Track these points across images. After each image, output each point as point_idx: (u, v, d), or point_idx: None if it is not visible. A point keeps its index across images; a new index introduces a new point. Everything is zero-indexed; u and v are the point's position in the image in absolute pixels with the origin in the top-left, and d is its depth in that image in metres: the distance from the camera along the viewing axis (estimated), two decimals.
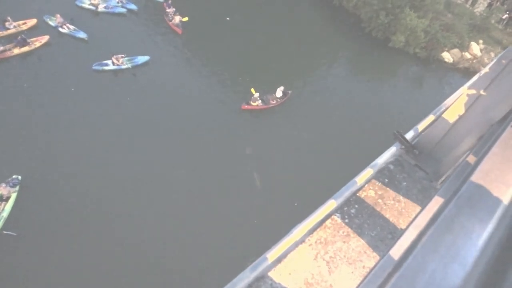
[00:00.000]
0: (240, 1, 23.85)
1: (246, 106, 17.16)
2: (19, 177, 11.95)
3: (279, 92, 17.70)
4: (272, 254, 2.47)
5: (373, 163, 3.38)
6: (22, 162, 12.61)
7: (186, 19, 20.25)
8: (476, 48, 24.62)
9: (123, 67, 17.19)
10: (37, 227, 11.30)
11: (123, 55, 17.22)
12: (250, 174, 14.42)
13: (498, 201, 1.11)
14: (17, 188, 11.71)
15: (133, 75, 17.16)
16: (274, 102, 17.66)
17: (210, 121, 16.18)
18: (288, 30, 22.72)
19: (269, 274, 2.45)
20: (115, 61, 17.02)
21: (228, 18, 22.02)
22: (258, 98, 17.22)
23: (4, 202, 11.31)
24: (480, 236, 0.98)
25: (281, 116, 17.60)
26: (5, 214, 11.18)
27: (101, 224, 11.77)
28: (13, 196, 11.55)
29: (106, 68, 16.98)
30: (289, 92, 18.05)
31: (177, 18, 20.16)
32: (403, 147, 3.57)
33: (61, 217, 11.74)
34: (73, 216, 11.80)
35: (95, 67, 16.84)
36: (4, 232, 10.84)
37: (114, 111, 15.52)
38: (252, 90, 17.19)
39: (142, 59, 17.74)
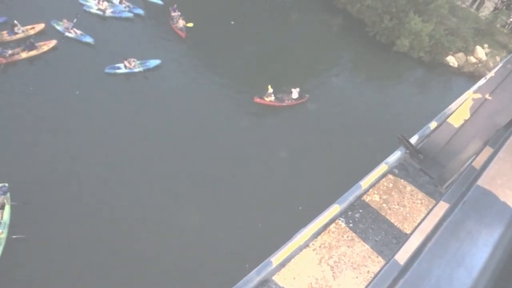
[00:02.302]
0: (244, 6, 23.99)
1: (258, 100, 17.50)
2: (6, 184, 11.89)
3: (295, 93, 17.97)
4: (276, 258, 2.47)
5: (378, 167, 3.37)
6: (10, 168, 12.42)
7: (191, 24, 20.44)
8: (481, 52, 24.50)
9: (135, 70, 17.45)
10: (35, 228, 11.38)
11: (135, 59, 17.48)
12: (253, 176, 14.40)
13: (504, 207, 1.11)
14: (8, 195, 11.75)
15: (144, 78, 17.41)
16: (289, 102, 17.88)
17: (215, 121, 16.32)
18: (292, 34, 22.77)
19: (274, 278, 2.44)
20: (127, 64, 17.30)
21: (232, 22, 22.15)
22: (272, 94, 17.52)
23: (1, 210, 11.40)
24: (486, 242, 0.97)
25: (285, 118, 17.64)
26: (6, 220, 11.29)
27: (101, 227, 11.80)
28: (8, 202, 11.62)
29: (118, 71, 17.24)
30: (307, 96, 18.26)
31: (181, 22, 20.36)
32: (407, 151, 3.56)
33: (58, 218, 11.78)
34: (72, 219, 11.84)
35: (107, 71, 17.11)
36: (13, 236, 11.01)
37: (121, 112, 15.62)
38: (269, 86, 17.51)
39: (153, 62, 18.01)
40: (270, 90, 17.45)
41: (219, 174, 14.20)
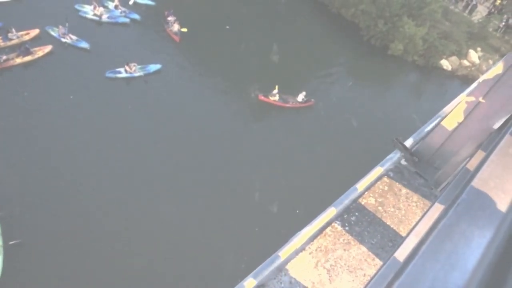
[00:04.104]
0: (238, 12, 24.11)
1: (262, 97, 17.82)
2: None
3: (300, 97, 18.22)
4: (272, 262, 2.46)
5: (373, 170, 3.39)
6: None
7: (185, 29, 20.55)
8: (474, 55, 24.79)
9: (136, 75, 17.44)
10: (30, 232, 11.33)
11: (136, 64, 17.48)
12: (251, 178, 14.39)
13: (497, 209, 1.12)
14: None
15: (144, 82, 17.46)
16: (293, 104, 18.07)
17: (214, 124, 16.38)
18: (286, 39, 22.89)
19: (270, 282, 2.44)
20: (128, 69, 17.29)
21: (227, 27, 22.25)
22: (277, 94, 17.79)
23: None
24: (479, 244, 0.98)
25: (282, 120, 17.72)
26: None
27: (102, 232, 11.72)
28: None
29: (119, 75, 17.23)
30: (312, 100, 18.39)
31: (176, 27, 20.45)
32: (402, 154, 3.58)
33: (54, 224, 11.71)
34: (69, 225, 11.76)
35: (108, 75, 17.08)
36: (10, 243, 10.93)
37: (120, 116, 15.58)
38: (276, 86, 17.84)
39: (153, 67, 18.02)
40: (276, 90, 17.80)
41: (217, 176, 14.19)
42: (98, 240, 11.49)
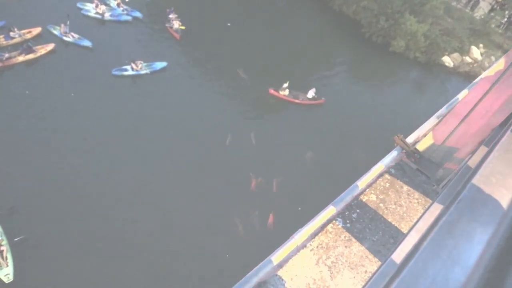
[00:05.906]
0: (240, 9, 24.04)
1: (272, 91, 17.97)
2: None
3: (310, 93, 18.27)
4: (274, 259, 2.47)
5: (374, 167, 3.38)
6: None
7: (183, 27, 20.61)
8: (476, 52, 24.67)
9: (142, 72, 17.51)
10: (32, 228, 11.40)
11: (142, 61, 17.56)
12: (250, 178, 14.40)
13: (499, 205, 1.12)
14: None
15: (150, 79, 17.52)
16: (302, 100, 18.11)
17: (222, 120, 16.41)
18: (287, 36, 22.83)
19: (271, 279, 2.44)
20: (134, 66, 17.36)
21: (229, 24, 22.22)
22: (287, 89, 17.87)
23: None
24: (481, 240, 0.98)
25: (282, 118, 17.69)
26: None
27: (108, 229, 11.77)
28: None
29: (125, 73, 17.29)
30: (323, 98, 18.38)
31: (177, 24, 20.51)
32: (404, 151, 3.58)
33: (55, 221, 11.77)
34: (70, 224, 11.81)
35: (114, 72, 17.15)
36: (15, 239, 11.01)
37: (125, 113, 15.60)
38: (288, 82, 17.96)
39: (160, 64, 18.09)
40: (286, 84, 17.89)
41: (221, 173, 14.20)
42: (99, 237, 11.53)
